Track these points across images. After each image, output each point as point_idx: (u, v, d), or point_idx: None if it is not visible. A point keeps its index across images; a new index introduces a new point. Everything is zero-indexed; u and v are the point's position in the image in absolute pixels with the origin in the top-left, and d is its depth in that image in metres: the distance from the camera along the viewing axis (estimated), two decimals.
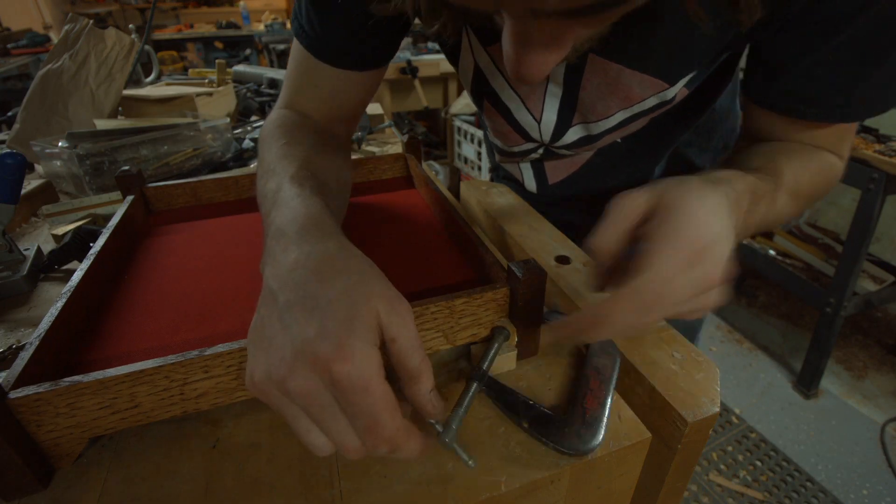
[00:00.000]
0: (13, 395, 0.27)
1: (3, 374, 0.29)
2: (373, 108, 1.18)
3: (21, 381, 0.29)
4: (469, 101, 2.09)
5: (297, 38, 0.49)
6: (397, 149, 0.99)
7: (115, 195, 0.69)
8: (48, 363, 0.32)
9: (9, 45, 2.71)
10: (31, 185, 0.75)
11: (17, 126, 0.91)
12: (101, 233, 0.46)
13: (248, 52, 4.02)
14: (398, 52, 0.59)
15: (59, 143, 0.77)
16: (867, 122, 1.42)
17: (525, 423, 0.31)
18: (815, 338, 1.53)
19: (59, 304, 0.35)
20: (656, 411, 0.35)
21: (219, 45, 4.46)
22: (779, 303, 2.06)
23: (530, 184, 0.65)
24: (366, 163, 0.64)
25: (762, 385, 1.67)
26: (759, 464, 1.40)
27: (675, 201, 0.31)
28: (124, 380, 0.28)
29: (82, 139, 0.79)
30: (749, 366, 1.76)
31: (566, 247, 0.52)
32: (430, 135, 3.01)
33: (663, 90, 0.44)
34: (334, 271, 0.27)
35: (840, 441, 1.46)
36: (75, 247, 0.54)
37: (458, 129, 2.44)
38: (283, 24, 3.72)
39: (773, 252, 1.80)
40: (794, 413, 1.56)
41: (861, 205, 1.33)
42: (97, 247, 0.43)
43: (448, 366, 0.38)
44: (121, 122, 0.95)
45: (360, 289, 0.26)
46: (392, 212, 0.57)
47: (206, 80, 1.26)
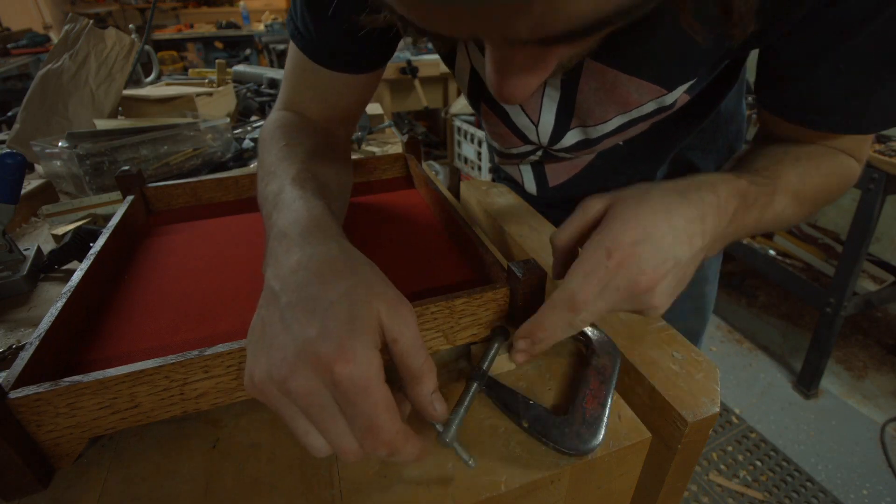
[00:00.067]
0: (13, 395, 0.27)
1: (3, 374, 0.29)
2: (373, 108, 1.18)
3: (21, 381, 0.29)
4: None
5: (293, 40, 0.49)
6: (397, 149, 0.99)
7: (115, 195, 0.69)
8: (48, 363, 0.32)
9: (9, 45, 2.71)
10: (31, 185, 0.75)
11: (17, 126, 0.91)
12: (101, 233, 0.46)
13: (248, 52, 4.02)
14: (398, 52, 0.59)
15: (59, 143, 0.77)
16: None
17: (525, 423, 0.31)
18: (815, 338, 1.53)
19: (59, 304, 0.35)
20: (656, 411, 0.35)
21: (219, 45, 4.46)
22: (779, 303, 2.06)
23: (530, 186, 0.65)
24: (366, 163, 0.64)
25: (762, 385, 1.67)
26: (759, 464, 1.40)
27: (616, 206, 0.32)
28: (124, 380, 0.28)
29: (82, 139, 0.79)
30: (749, 366, 1.76)
31: None
32: (430, 135, 3.01)
33: (661, 96, 0.44)
34: (336, 273, 0.27)
35: (840, 441, 1.46)
36: (75, 247, 0.54)
37: (458, 129, 2.44)
38: (283, 24, 3.72)
39: (773, 252, 1.80)
40: (794, 413, 1.56)
41: (861, 205, 1.33)
42: (97, 247, 0.43)
43: (448, 366, 0.38)
44: (121, 122, 0.95)
45: (362, 290, 0.26)
46: (392, 212, 0.57)
47: (206, 80, 1.26)
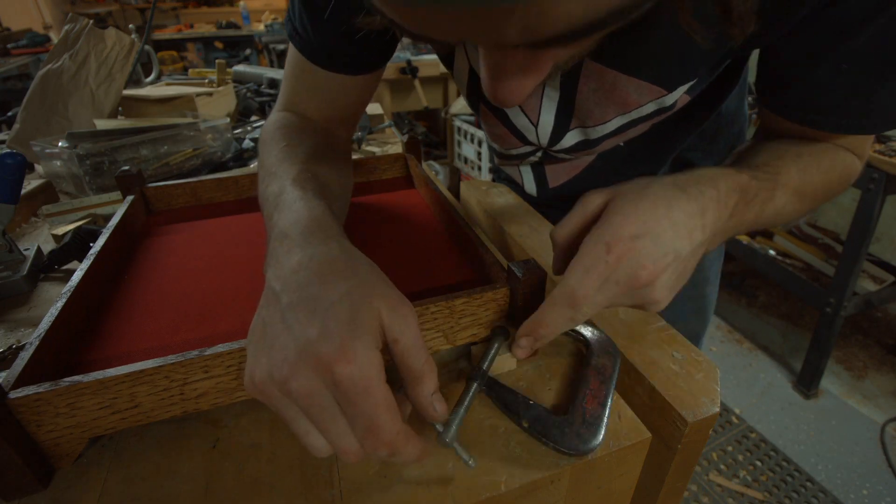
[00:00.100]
0: (13, 395, 0.27)
1: (3, 374, 0.29)
2: (373, 108, 1.18)
3: (21, 381, 0.29)
4: None
5: (291, 41, 0.49)
6: (397, 149, 0.99)
7: (115, 195, 0.69)
8: (48, 363, 0.32)
9: (9, 45, 2.71)
10: (31, 185, 0.75)
11: (17, 126, 0.91)
12: (101, 233, 0.46)
13: (248, 52, 4.02)
14: (398, 52, 0.58)
15: (59, 143, 0.77)
16: None
17: (525, 423, 0.31)
18: (815, 338, 1.53)
19: (59, 304, 0.35)
20: (656, 411, 0.35)
21: (219, 45, 4.46)
22: (779, 303, 2.06)
23: (530, 187, 0.64)
24: (366, 163, 0.64)
25: (762, 385, 1.67)
26: (759, 464, 1.40)
27: (616, 200, 0.32)
28: (124, 380, 0.28)
29: (82, 139, 0.79)
30: (749, 366, 1.76)
31: None
32: (430, 135, 3.01)
33: (661, 96, 0.43)
34: (337, 273, 0.27)
35: (840, 441, 1.46)
36: (75, 247, 0.54)
37: (458, 129, 2.44)
38: (283, 24, 3.71)
39: (773, 252, 1.80)
40: (794, 413, 1.56)
41: (861, 205, 1.33)
42: (97, 247, 0.43)
43: (448, 366, 0.38)
44: (121, 122, 0.95)
45: (363, 291, 0.26)
46: (392, 212, 0.57)
47: (206, 80, 1.26)
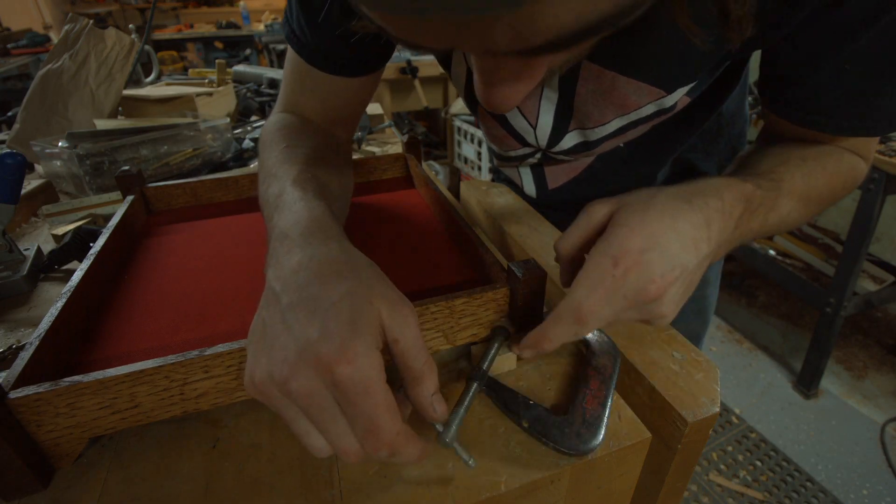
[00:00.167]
0: (13, 395, 0.27)
1: (3, 374, 0.29)
2: (373, 108, 1.18)
3: (21, 381, 0.29)
4: None
5: (289, 43, 0.48)
6: (397, 149, 0.99)
7: (115, 195, 0.69)
8: (48, 363, 0.32)
9: (9, 45, 2.71)
10: (31, 185, 0.75)
11: (17, 126, 0.91)
12: (101, 233, 0.46)
13: (248, 52, 4.02)
14: (398, 52, 0.58)
15: (59, 143, 0.77)
16: None
17: (525, 423, 0.31)
18: (815, 338, 1.53)
19: (59, 304, 0.35)
20: (656, 411, 0.35)
21: (219, 45, 4.46)
22: (779, 303, 2.06)
23: (530, 188, 0.64)
24: (366, 163, 0.64)
25: (762, 385, 1.67)
26: (759, 464, 1.40)
27: (621, 212, 0.31)
28: (124, 380, 0.28)
29: (82, 139, 0.79)
30: (749, 366, 1.76)
31: None
32: (430, 135, 3.01)
33: (661, 98, 0.43)
34: (337, 274, 0.27)
35: (840, 441, 1.46)
36: (75, 247, 0.54)
37: (458, 129, 2.44)
38: (282, 25, 3.72)
39: (773, 252, 1.80)
40: (794, 413, 1.56)
41: (861, 205, 1.33)
42: (97, 247, 0.43)
43: (448, 366, 0.38)
44: (121, 122, 0.95)
45: (363, 291, 0.26)
46: (392, 212, 0.57)
47: (206, 80, 1.26)
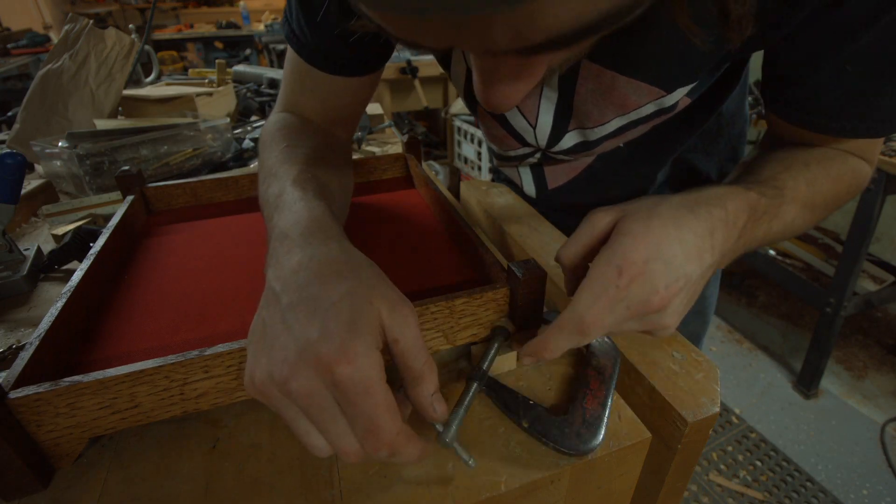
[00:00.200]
0: (13, 395, 0.27)
1: (3, 374, 0.29)
2: (373, 108, 1.18)
3: (21, 381, 0.29)
4: None
5: (289, 42, 0.48)
6: (397, 149, 0.99)
7: (115, 195, 0.69)
8: (48, 363, 0.32)
9: (9, 45, 2.71)
10: (31, 185, 0.75)
11: (17, 126, 0.91)
12: (101, 233, 0.46)
13: (248, 52, 4.02)
14: (397, 51, 0.58)
15: (59, 143, 0.77)
16: None
17: (525, 423, 0.31)
18: (815, 338, 1.53)
19: (59, 304, 0.35)
20: (656, 411, 0.35)
21: (219, 45, 4.46)
22: (779, 303, 2.06)
23: (529, 188, 0.64)
24: (366, 163, 0.64)
25: (762, 385, 1.67)
26: (759, 464, 1.40)
27: (625, 221, 0.31)
28: (124, 380, 0.28)
29: (82, 139, 0.79)
30: (749, 366, 1.76)
31: None
32: (430, 135, 3.01)
33: (661, 97, 0.43)
34: (337, 273, 0.27)
35: (840, 441, 1.46)
36: (75, 247, 0.54)
37: (458, 129, 2.44)
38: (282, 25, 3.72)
39: (773, 252, 1.80)
40: (794, 413, 1.56)
41: (861, 205, 1.33)
42: (97, 247, 0.43)
43: (448, 366, 0.38)
44: (121, 122, 0.95)
45: (363, 291, 0.26)
46: (392, 212, 0.57)
47: (206, 80, 1.26)
